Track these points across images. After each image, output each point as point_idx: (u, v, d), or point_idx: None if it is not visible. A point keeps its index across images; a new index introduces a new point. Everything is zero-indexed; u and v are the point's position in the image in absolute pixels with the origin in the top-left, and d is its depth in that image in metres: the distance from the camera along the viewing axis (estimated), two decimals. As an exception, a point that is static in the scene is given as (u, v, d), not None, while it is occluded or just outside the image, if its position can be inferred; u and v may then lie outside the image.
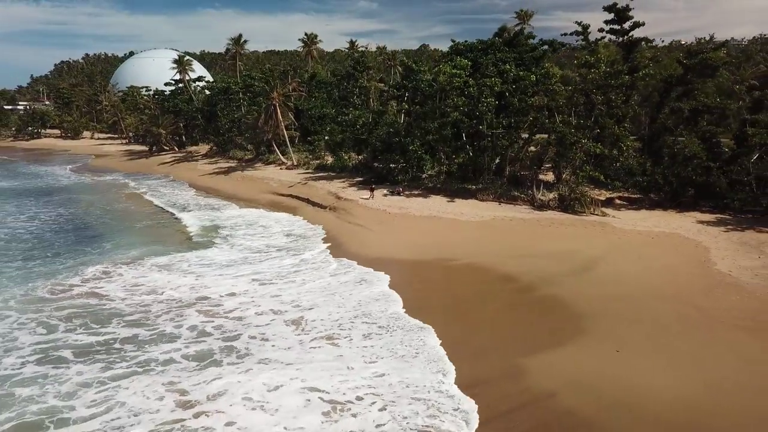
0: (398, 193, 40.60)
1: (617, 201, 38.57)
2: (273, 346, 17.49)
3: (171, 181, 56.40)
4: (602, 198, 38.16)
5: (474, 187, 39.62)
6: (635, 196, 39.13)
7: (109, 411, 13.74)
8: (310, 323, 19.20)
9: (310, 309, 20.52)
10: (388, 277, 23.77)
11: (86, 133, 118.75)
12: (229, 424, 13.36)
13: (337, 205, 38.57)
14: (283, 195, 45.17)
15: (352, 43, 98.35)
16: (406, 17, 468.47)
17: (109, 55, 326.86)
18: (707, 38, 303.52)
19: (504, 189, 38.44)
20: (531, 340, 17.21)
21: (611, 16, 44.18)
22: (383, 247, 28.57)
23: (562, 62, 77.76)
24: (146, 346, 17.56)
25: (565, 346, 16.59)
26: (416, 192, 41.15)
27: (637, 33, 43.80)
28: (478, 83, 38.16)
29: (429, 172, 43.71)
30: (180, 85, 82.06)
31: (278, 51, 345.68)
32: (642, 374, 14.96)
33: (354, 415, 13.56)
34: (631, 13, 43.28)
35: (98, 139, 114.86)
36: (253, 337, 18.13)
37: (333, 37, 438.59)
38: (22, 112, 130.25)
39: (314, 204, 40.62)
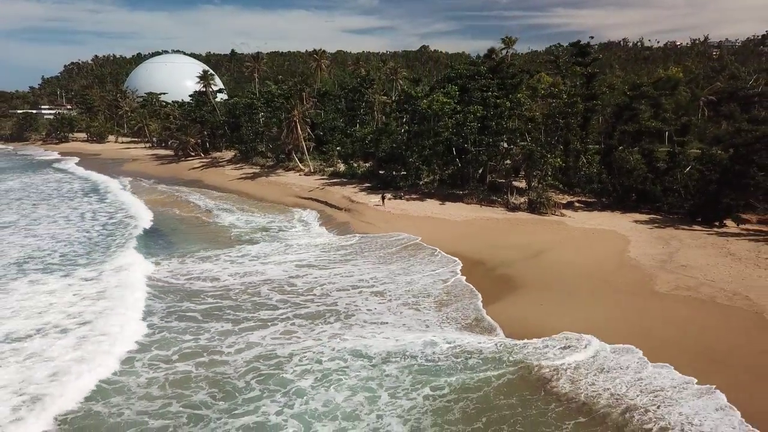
0: (400, 197, 49.98)
1: (576, 204, 47.85)
2: (368, 310, 25.60)
3: (205, 186, 65.68)
4: (564, 201, 47.52)
5: (461, 192, 49.13)
6: (591, 199, 48.52)
7: (251, 348, 21.86)
8: (389, 294, 27.70)
9: (385, 283, 29.12)
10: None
11: (110, 137, 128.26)
12: (361, 341, 21.94)
13: (351, 207, 47.94)
14: (304, 198, 54.50)
15: (357, 60, 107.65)
16: (407, 14, 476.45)
17: (117, 56, 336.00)
18: (702, 39, 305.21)
19: (485, 194, 47.82)
20: (487, 298, 26.61)
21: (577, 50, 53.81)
22: (389, 240, 37.90)
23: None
24: (255, 312, 25.59)
25: (504, 302, 26.02)
26: (414, 196, 50.52)
27: (637, 30, 54.04)
28: (463, 110, 47.55)
29: (425, 180, 52.99)
30: (204, 96, 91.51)
31: (282, 52, 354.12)
32: (552, 318, 24.20)
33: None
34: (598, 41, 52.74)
35: (122, 142, 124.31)
36: (349, 305, 26.26)
37: (334, 34, 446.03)
38: (52, 117, 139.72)
39: (332, 206, 49.95)
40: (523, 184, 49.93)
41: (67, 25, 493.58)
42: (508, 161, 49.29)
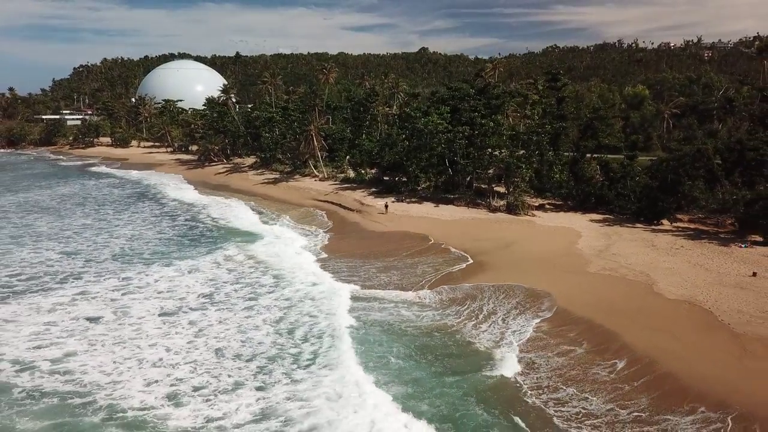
0: (401, 201, 60.35)
1: (547, 206, 58.18)
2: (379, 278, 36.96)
3: (233, 189, 76.01)
4: (537, 204, 57.87)
5: (452, 196, 59.57)
6: (559, 202, 58.82)
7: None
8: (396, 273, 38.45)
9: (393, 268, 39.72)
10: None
11: (133, 142, 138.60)
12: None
13: (362, 209, 58.29)
14: (321, 201, 64.82)
15: (362, 75, 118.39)
16: (406, 11, 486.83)
17: (125, 59, 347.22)
18: (695, 40, 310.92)
19: (471, 198, 58.22)
20: (468, 275, 36.99)
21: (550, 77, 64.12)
22: (394, 235, 48.28)
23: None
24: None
25: (477, 278, 36.42)
26: (414, 199, 60.90)
27: (637, 27, 65.56)
28: (454, 129, 57.93)
29: (423, 186, 63.40)
30: (224, 107, 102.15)
31: (285, 54, 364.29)
32: (510, 289, 34.62)
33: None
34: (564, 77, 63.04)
35: (144, 147, 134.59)
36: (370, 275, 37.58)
37: (333, 31, 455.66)
38: (78, 123, 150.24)
39: (345, 208, 60.26)
40: (503, 190, 60.25)
41: (67, 23, 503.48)
42: (491, 170, 59.62)
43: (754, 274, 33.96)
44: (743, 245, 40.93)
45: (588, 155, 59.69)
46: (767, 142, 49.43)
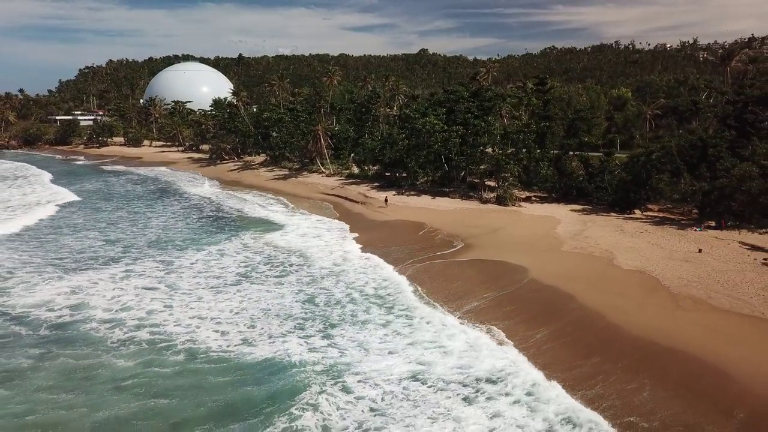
0: (401, 194, 66.52)
1: (533, 198, 64.35)
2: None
3: (245, 185, 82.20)
4: (524, 196, 64.04)
5: (447, 190, 65.75)
6: (545, 195, 64.99)
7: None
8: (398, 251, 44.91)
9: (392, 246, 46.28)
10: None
11: (145, 142, 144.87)
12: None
13: (366, 201, 64.51)
14: (328, 194, 71.05)
15: (363, 77, 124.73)
16: (406, 12, 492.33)
17: (129, 60, 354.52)
18: (691, 41, 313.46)
19: (465, 191, 64.39)
20: (458, 254, 43.15)
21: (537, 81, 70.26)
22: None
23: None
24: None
25: (466, 254, 42.59)
26: (413, 193, 67.10)
27: (637, 27, 72.76)
28: (449, 129, 64.17)
29: (421, 180, 69.58)
30: (235, 109, 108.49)
31: (287, 56, 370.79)
32: (494, 264, 40.79)
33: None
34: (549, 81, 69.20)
35: (156, 146, 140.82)
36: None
37: (333, 31, 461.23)
38: (90, 123, 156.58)
39: (350, 200, 66.49)
40: (494, 183, 66.44)
41: (67, 24, 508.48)
42: (483, 166, 65.85)
43: (700, 251, 40.12)
44: (698, 229, 47.09)
45: (571, 152, 65.82)
46: (728, 140, 55.61)
